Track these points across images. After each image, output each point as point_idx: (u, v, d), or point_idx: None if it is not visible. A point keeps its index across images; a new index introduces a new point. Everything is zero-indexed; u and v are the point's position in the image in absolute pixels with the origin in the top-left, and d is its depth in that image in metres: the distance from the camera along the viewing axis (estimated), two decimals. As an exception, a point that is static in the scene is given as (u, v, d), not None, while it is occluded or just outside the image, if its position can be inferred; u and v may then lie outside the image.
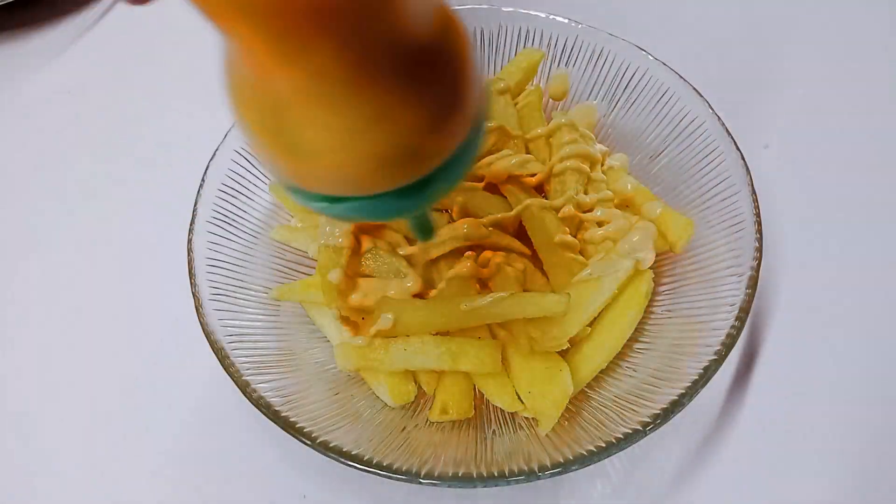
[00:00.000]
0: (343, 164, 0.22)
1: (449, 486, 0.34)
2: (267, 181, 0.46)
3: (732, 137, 0.40)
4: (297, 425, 0.33)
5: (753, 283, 0.35)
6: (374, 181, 0.24)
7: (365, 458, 0.32)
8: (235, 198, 0.44)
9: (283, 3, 0.18)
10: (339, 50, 0.20)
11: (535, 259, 0.41)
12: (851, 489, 0.36)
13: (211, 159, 0.43)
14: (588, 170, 0.43)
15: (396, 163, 0.23)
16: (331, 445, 0.32)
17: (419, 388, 0.38)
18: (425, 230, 0.32)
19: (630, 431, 0.32)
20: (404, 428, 0.37)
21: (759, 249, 0.36)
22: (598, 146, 0.46)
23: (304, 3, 0.18)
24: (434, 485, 0.31)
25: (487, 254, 0.40)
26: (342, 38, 0.20)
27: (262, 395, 0.34)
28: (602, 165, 0.44)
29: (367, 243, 0.40)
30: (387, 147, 0.22)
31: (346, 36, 0.20)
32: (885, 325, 0.41)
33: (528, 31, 0.48)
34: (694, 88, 0.43)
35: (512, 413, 0.37)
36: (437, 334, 0.37)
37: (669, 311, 0.40)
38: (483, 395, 0.38)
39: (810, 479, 0.37)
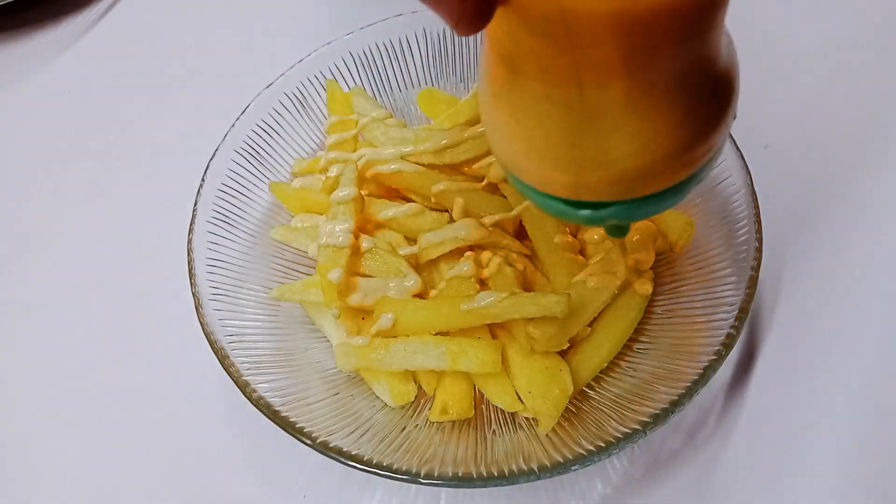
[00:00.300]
0: (635, 169, 0.24)
1: (449, 486, 0.34)
2: (267, 181, 0.46)
3: (732, 137, 0.40)
4: (297, 425, 0.33)
5: (753, 283, 0.35)
6: (654, 183, 0.25)
7: (365, 458, 0.32)
8: (235, 198, 0.44)
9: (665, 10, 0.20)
10: (677, 59, 0.21)
11: (535, 259, 0.41)
12: (852, 489, 0.36)
13: (211, 159, 0.43)
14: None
15: (678, 164, 0.24)
16: (331, 445, 0.32)
17: (419, 388, 0.38)
18: (624, 229, 0.33)
19: (630, 431, 0.32)
20: (404, 428, 0.37)
21: (759, 249, 0.36)
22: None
23: (673, 12, 0.20)
24: (434, 485, 0.31)
25: (487, 254, 0.40)
26: (683, 47, 0.21)
27: (262, 395, 0.34)
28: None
29: (366, 243, 0.40)
30: (678, 149, 0.23)
31: (687, 44, 0.21)
32: (886, 325, 0.41)
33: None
34: (694, 88, 0.42)
35: (512, 413, 0.37)
36: (437, 334, 0.37)
37: (669, 311, 0.40)
38: (483, 395, 0.38)
39: (810, 478, 0.37)
